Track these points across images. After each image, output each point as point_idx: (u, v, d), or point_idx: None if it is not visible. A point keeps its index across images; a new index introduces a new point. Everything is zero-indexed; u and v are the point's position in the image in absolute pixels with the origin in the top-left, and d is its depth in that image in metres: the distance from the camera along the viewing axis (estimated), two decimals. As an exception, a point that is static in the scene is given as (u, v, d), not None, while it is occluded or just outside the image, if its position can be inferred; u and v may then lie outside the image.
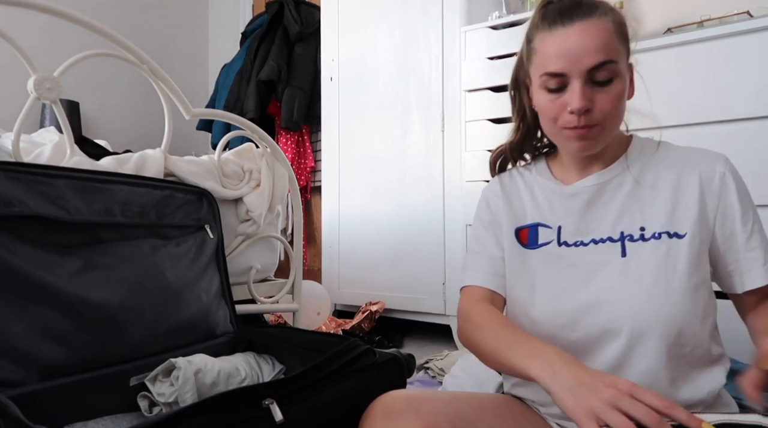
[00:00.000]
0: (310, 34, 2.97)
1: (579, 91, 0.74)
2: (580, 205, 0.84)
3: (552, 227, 0.86)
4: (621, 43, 0.78)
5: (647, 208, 0.80)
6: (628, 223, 0.80)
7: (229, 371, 1.02)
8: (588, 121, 0.76)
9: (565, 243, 0.84)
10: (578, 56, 0.74)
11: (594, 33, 0.75)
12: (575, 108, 0.75)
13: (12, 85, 2.47)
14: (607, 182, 0.83)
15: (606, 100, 0.76)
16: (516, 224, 0.90)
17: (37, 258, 0.90)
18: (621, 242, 0.80)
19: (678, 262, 0.76)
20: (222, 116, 1.53)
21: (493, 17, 2.17)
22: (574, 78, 0.75)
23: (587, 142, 0.78)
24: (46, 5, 1.10)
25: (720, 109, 1.65)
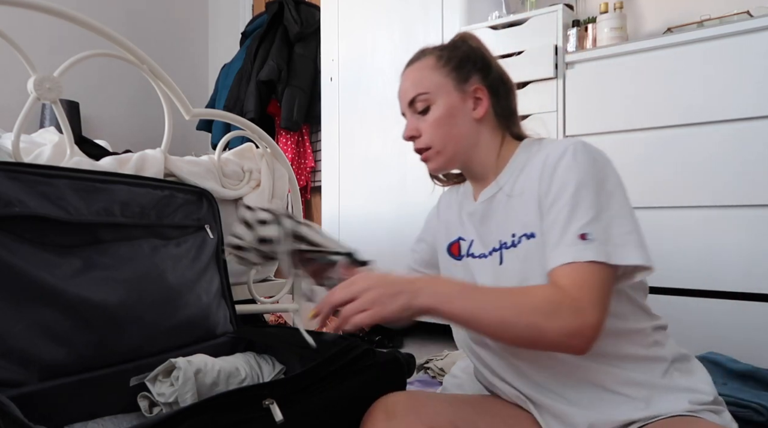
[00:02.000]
0: (310, 34, 2.97)
1: (407, 122, 0.91)
2: (477, 221, 0.91)
3: (467, 240, 0.93)
4: (444, 74, 0.89)
5: (516, 215, 0.84)
6: (505, 232, 0.85)
7: (230, 371, 1.02)
8: (418, 145, 0.90)
9: (472, 255, 0.91)
10: (402, 95, 0.92)
11: (410, 75, 0.91)
12: (404, 136, 0.91)
13: (12, 85, 2.47)
14: (492, 197, 0.89)
15: (425, 126, 0.88)
16: (449, 238, 0.98)
17: (37, 258, 0.90)
18: (500, 251, 0.86)
19: (535, 261, 0.79)
20: (222, 116, 1.53)
21: (493, 17, 2.17)
22: (406, 112, 0.92)
23: (429, 164, 0.91)
24: (46, 5, 1.10)
25: (720, 109, 1.65)
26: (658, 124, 1.75)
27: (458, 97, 0.88)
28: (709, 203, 1.66)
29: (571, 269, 0.71)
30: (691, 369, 0.82)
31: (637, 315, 0.81)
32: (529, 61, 1.99)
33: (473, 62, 0.90)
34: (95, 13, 3.12)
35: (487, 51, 0.94)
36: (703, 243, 1.67)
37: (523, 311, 0.69)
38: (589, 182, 0.74)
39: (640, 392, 0.76)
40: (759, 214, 1.59)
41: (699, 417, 0.74)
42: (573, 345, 0.69)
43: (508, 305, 0.71)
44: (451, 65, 0.89)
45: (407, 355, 1.01)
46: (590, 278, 0.70)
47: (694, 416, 0.74)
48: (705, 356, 1.34)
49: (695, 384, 0.79)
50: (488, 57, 0.93)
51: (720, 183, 1.64)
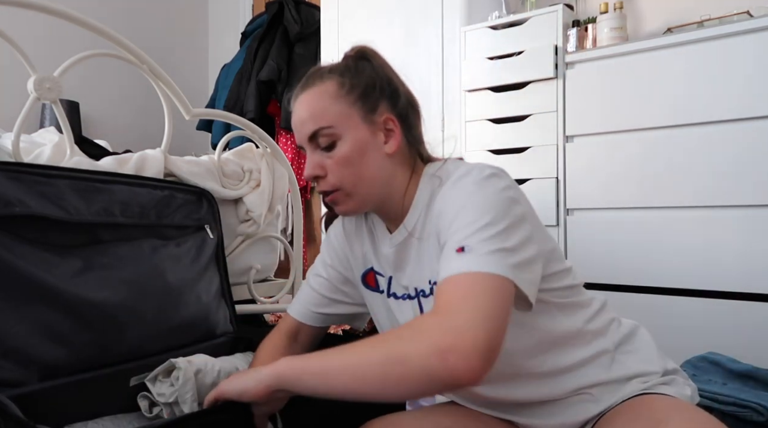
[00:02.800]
0: (310, 34, 2.97)
1: (308, 159, 0.78)
2: (391, 263, 0.84)
3: (384, 276, 0.87)
4: (349, 104, 0.77)
5: (429, 260, 0.77)
6: (420, 279, 0.79)
7: (230, 371, 1.02)
8: (324, 186, 0.78)
9: (394, 295, 0.85)
10: (299, 128, 0.78)
11: (305, 102, 0.78)
12: (305, 177, 0.79)
13: (12, 85, 2.46)
14: (402, 242, 0.82)
15: (333, 164, 0.76)
16: (361, 268, 0.91)
17: (37, 258, 0.90)
18: (417, 299, 0.80)
19: None
20: (222, 116, 1.53)
21: (493, 17, 2.17)
22: (306, 148, 0.79)
23: (338, 207, 0.79)
24: (46, 5, 1.10)
25: (720, 109, 1.65)
26: (658, 124, 1.75)
27: (367, 130, 0.77)
28: (709, 203, 1.66)
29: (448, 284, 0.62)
30: (636, 348, 0.81)
31: (571, 317, 0.77)
32: (529, 62, 1.99)
33: (381, 88, 0.80)
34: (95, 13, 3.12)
35: (391, 70, 0.84)
36: (703, 243, 1.67)
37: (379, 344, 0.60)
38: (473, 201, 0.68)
39: (591, 390, 0.76)
40: (759, 214, 1.59)
41: (650, 393, 0.74)
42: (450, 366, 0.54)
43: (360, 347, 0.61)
44: (356, 93, 0.78)
45: (407, 355, 1.00)
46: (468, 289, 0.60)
47: (645, 394, 0.74)
48: (705, 356, 1.34)
49: (642, 365, 0.78)
50: (395, 79, 0.83)
51: (720, 183, 1.64)
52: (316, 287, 0.96)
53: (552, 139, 1.95)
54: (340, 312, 0.96)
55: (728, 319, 1.61)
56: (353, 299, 0.95)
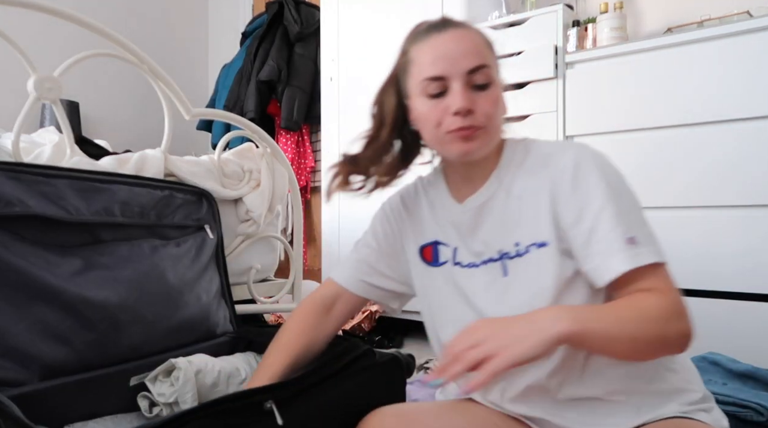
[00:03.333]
0: (310, 34, 2.97)
1: (460, 92, 0.75)
2: (467, 227, 0.84)
3: (449, 245, 0.86)
4: (492, 56, 0.80)
5: (518, 221, 0.79)
6: (504, 240, 0.80)
7: (230, 371, 1.02)
8: (472, 121, 0.76)
9: (459, 264, 0.85)
10: (456, 59, 0.76)
11: (467, 38, 0.78)
12: (458, 108, 0.74)
13: (12, 85, 2.47)
14: (484, 203, 0.82)
15: (487, 102, 0.76)
16: (420, 241, 0.90)
17: (37, 258, 0.90)
18: (501, 261, 0.80)
19: (548, 273, 0.75)
20: (222, 116, 1.53)
21: (493, 17, 2.17)
22: (453, 81, 0.76)
23: (471, 143, 0.77)
24: (46, 5, 1.10)
25: (720, 109, 1.65)
26: (658, 124, 1.75)
27: (501, 87, 0.80)
28: (709, 202, 1.66)
29: (641, 274, 0.69)
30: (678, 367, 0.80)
31: None
32: (529, 61, 1.99)
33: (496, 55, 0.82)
34: (95, 13, 3.12)
35: None
36: (703, 243, 1.67)
37: (646, 324, 0.66)
38: (615, 187, 0.73)
39: (631, 398, 0.76)
40: (759, 214, 1.59)
41: (690, 418, 0.73)
42: (684, 345, 0.68)
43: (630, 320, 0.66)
44: (492, 50, 0.81)
45: (407, 355, 1.01)
46: (666, 279, 0.70)
47: (685, 418, 0.74)
48: (705, 356, 1.34)
49: (683, 384, 0.78)
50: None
51: (720, 183, 1.64)
52: (364, 256, 0.95)
53: (552, 139, 1.95)
54: (383, 286, 0.94)
55: (728, 319, 1.61)
56: (398, 277, 0.94)
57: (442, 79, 0.76)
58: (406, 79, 0.83)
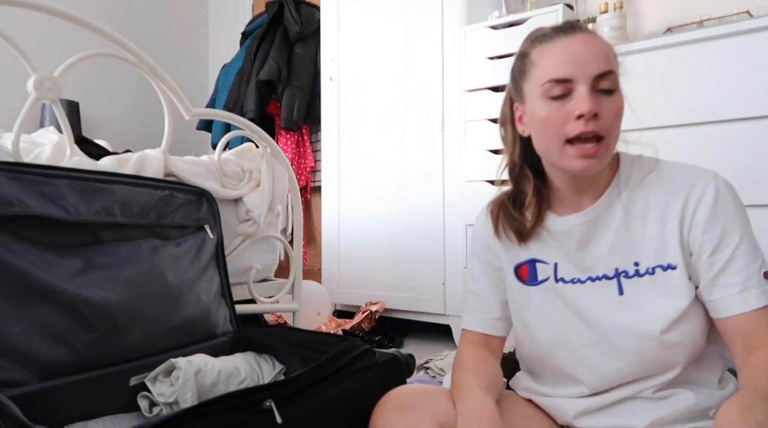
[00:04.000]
0: (310, 34, 2.97)
1: (586, 95, 0.72)
2: (573, 242, 0.82)
3: (549, 263, 0.85)
4: (617, 66, 0.78)
5: (639, 240, 0.78)
6: (622, 259, 0.79)
7: (230, 371, 1.02)
8: (596, 127, 0.73)
9: (562, 280, 0.83)
10: (585, 62, 0.73)
11: (597, 43, 0.76)
12: (585, 110, 0.72)
13: (12, 85, 2.47)
14: (598, 217, 0.80)
15: (611, 109, 0.74)
16: (514, 261, 0.88)
17: (37, 258, 0.90)
18: (617, 279, 0.79)
19: (675, 295, 0.75)
20: (222, 115, 1.53)
21: (493, 17, 2.17)
22: (580, 84, 0.73)
23: (592, 161, 0.74)
24: (46, 5, 1.10)
25: (720, 109, 1.65)
26: (658, 124, 1.75)
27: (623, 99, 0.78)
28: (709, 203, 1.66)
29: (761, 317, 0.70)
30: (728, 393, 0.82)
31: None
32: (529, 61, 1.99)
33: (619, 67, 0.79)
34: (95, 13, 3.12)
35: None
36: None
37: None
38: (748, 221, 0.75)
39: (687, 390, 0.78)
40: (759, 214, 1.59)
41: None
42: None
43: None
44: (617, 60, 0.78)
45: (407, 355, 1.01)
46: None
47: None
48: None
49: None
50: None
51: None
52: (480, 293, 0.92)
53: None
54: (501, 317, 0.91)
55: None
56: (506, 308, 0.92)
57: (567, 81, 0.74)
58: (524, 82, 0.80)
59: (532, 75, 0.78)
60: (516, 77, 0.83)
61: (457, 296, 2.19)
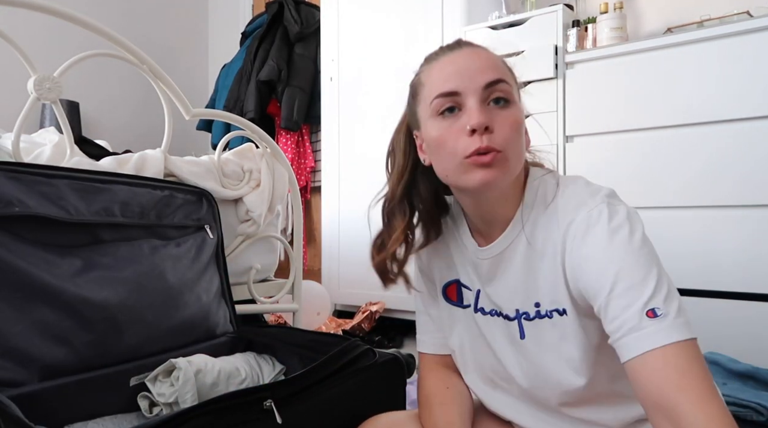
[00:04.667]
0: (310, 34, 2.97)
1: (476, 108, 0.68)
2: (485, 274, 0.78)
3: (472, 289, 0.82)
4: (511, 76, 0.74)
5: (538, 279, 0.73)
6: (523, 298, 0.75)
7: (230, 371, 1.02)
8: (490, 142, 0.67)
9: (481, 310, 0.81)
10: (471, 73, 0.70)
11: (483, 54, 0.73)
12: (474, 123, 0.67)
13: (12, 85, 2.46)
14: (502, 253, 0.76)
15: (505, 122, 0.69)
16: (443, 279, 0.86)
17: (37, 258, 0.90)
18: (518, 321, 0.75)
19: (573, 343, 0.70)
20: (222, 116, 1.53)
21: (493, 17, 2.17)
22: (468, 96, 0.69)
23: (489, 171, 0.68)
24: (46, 5, 1.10)
25: (720, 109, 1.65)
26: (658, 124, 1.75)
27: (521, 111, 0.73)
28: (709, 203, 1.66)
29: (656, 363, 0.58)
30: None
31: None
32: (529, 62, 1.99)
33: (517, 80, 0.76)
34: (95, 13, 3.12)
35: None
36: (702, 243, 1.67)
37: None
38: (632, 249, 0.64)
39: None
40: (759, 214, 1.59)
41: None
42: None
43: None
44: (512, 71, 0.75)
45: (407, 355, 1.01)
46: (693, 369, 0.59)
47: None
48: (705, 356, 1.34)
49: None
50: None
51: (719, 183, 1.64)
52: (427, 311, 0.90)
53: (552, 139, 1.95)
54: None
55: (728, 319, 1.61)
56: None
57: (455, 94, 0.70)
58: (416, 107, 0.77)
59: (422, 97, 0.75)
60: (410, 103, 0.80)
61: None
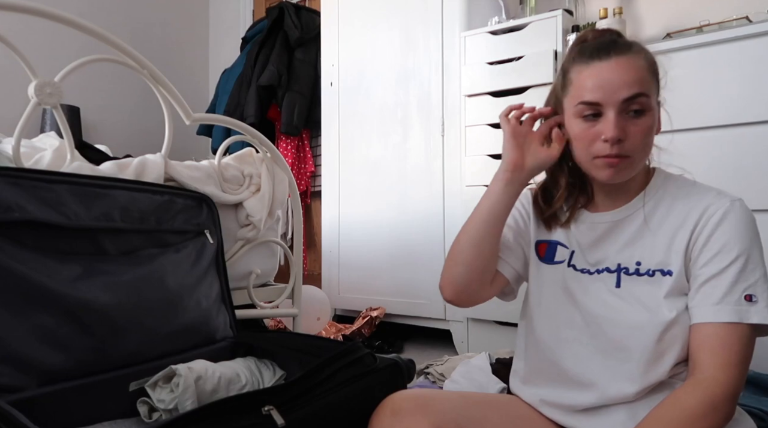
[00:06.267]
0: (311, 40, 2.98)
1: (613, 121, 0.78)
2: (594, 237, 0.89)
3: (568, 248, 0.91)
4: (652, 79, 0.82)
5: (647, 246, 0.84)
6: (627, 257, 0.85)
7: (230, 377, 1.01)
8: (620, 150, 0.79)
9: (573, 267, 0.90)
10: (614, 88, 0.79)
11: (629, 67, 0.80)
12: (609, 137, 0.78)
13: (13, 90, 2.47)
14: (620, 221, 0.87)
15: (638, 131, 0.79)
16: (539, 237, 0.96)
17: (36, 263, 0.90)
18: (617, 273, 0.85)
19: (665, 297, 0.80)
20: (222, 120, 1.53)
21: (493, 22, 2.17)
22: (608, 108, 0.79)
23: (616, 171, 0.81)
24: (47, 10, 1.10)
25: (719, 114, 1.65)
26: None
27: (656, 109, 0.84)
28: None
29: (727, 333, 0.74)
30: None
31: None
32: (529, 66, 1.99)
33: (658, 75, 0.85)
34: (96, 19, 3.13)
35: None
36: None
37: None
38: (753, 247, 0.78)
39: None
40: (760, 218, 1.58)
41: None
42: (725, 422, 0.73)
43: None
44: (653, 72, 0.83)
45: (407, 360, 1.00)
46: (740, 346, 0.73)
47: None
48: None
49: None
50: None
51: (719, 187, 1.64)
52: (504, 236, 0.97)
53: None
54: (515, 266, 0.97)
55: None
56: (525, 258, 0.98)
57: (597, 105, 0.80)
58: (563, 96, 0.87)
59: (569, 93, 0.85)
60: (558, 89, 0.90)
61: (458, 301, 2.19)
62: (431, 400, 0.82)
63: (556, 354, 0.88)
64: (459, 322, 2.19)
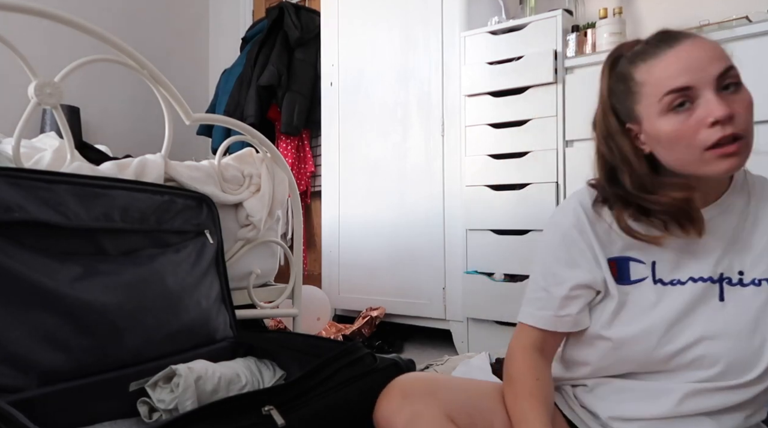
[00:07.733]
0: (310, 40, 2.98)
1: (715, 99, 0.69)
2: (678, 241, 0.77)
3: (646, 262, 0.80)
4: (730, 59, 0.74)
5: (747, 248, 0.76)
6: (727, 264, 0.77)
7: (230, 377, 1.01)
8: (734, 129, 0.69)
9: (660, 281, 0.79)
10: (702, 65, 0.70)
11: (707, 44, 0.73)
12: (719, 115, 0.68)
13: (13, 90, 2.47)
14: (711, 220, 0.76)
15: (743, 106, 0.71)
16: (607, 254, 0.82)
17: (36, 264, 0.90)
18: (719, 284, 0.76)
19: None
20: (222, 120, 1.53)
21: (493, 22, 2.17)
22: (703, 89, 0.70)
23: (736, 160, 0.71)
24: (46, 10, 1.10)
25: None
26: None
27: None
28: (709, 207, 1.66)
29: None
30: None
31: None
32: (529, 66, 1.99)
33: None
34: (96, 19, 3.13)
35: None
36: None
37: None
38: None
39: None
40: None
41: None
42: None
43: None
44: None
45: (407, 360, 1.00)
46: None
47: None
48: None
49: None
50: None
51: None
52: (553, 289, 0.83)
53: (552, 143, 1.95)
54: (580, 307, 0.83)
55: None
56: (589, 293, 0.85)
57: (688, 89, 0.71)
58: (633, 103, 0.78)
59: (645, 94, 0.75)
60: (622, 99, 0.80)
61: (458, 301, 2.19)
62: (442, 386, 0.81)
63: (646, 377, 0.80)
64: (459, 322, 2.19)
